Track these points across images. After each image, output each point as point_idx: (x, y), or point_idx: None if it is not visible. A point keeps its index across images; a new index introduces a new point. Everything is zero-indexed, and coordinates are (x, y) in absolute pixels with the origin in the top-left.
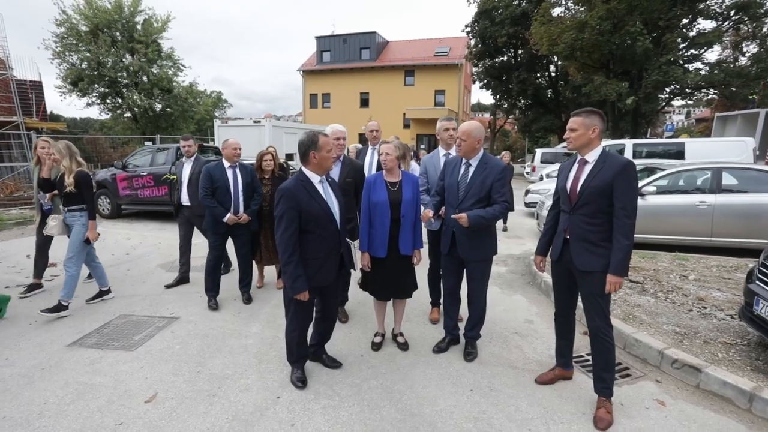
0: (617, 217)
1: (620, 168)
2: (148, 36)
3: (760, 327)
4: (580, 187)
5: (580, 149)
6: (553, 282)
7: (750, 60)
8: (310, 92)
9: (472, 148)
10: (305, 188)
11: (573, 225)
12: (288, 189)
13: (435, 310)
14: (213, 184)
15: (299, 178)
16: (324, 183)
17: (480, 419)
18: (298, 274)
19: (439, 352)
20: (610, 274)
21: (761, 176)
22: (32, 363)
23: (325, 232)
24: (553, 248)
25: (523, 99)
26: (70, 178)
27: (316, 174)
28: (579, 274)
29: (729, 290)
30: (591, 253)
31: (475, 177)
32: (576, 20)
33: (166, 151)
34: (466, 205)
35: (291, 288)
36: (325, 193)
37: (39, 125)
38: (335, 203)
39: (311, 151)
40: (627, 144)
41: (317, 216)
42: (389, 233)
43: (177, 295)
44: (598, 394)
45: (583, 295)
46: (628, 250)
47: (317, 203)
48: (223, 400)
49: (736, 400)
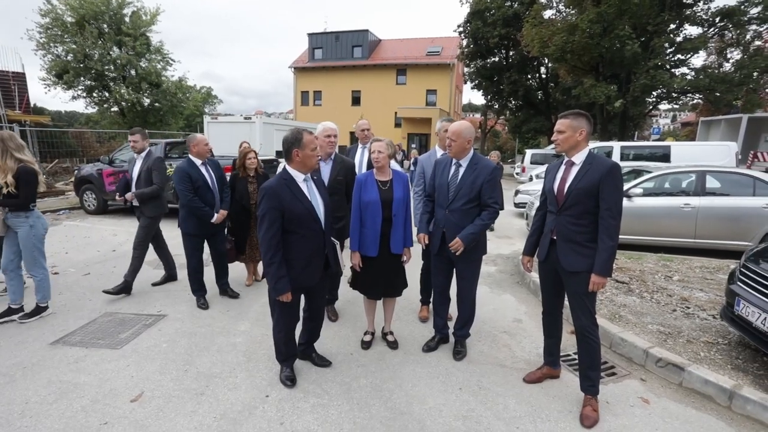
0: (603, 218)
1: (606, 170)
2: (137, 29)
3: (740, 327)
4: (567, 188)
5: (567, 151)
6: (540, 282)
7: (733, 66)
8: (301, 89)
9: (462, 148)
10: (288, 187)
11: (560, 226)
12: (270, 188)
13: (425, 309)
14: (193, 185)
15: (282, 176)
16: (309, 182)
17: (468, 417)
18: (280, 275)
19: (428, 351)
20: (594, 273)
21: (743, 180)
22: (13, 362)
23: (309, 232)
24: (540, 248)
25: (513, 100)
26: (8, 177)
27: (300, 172)
28: (565, 274)
29: (711, 291)
30: (577, 253)
31: (466, 177)
32: (567, 23)
33: (155, 146)
34: (457, 206)
35: (273, 289)
36: (310, 192)
37: (22, 118)
38: (320, 202)
39: (294, 149)
40: (615, 146)
41: (300, 216)
42: (380, 232)
43: (164, 292)
44: (585, 392)
45: (569, 294)
46: (612, 250)
47: (300, 203)
48: (210, 398)
49: (717, 398)
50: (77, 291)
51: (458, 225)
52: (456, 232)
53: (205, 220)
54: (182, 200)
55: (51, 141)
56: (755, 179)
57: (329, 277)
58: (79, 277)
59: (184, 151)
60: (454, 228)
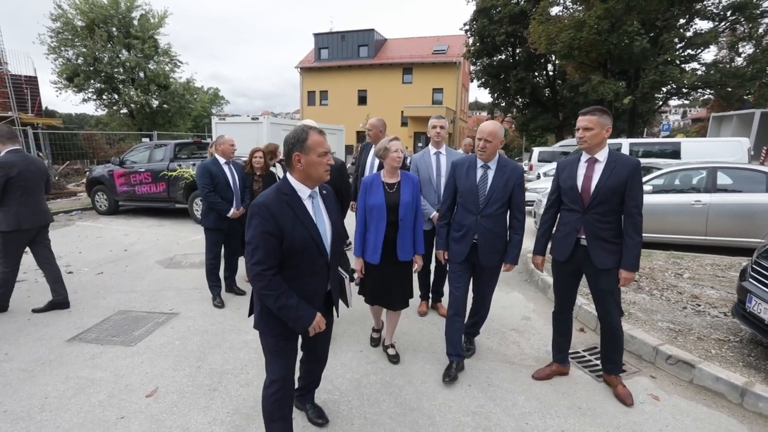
0: (631, 215)
1: (633, 168)
2: (145, 32)
3: (752, 324)
4: (595, 186)
5: (592, 148)
6: (556, 281)
7: (746, 60)
8: (307, 89)
9: (496, 150)
10: (289, 206)
11: (587, 225)
12: (264, 205)
13: (423, 303)
14: (213, 180)
15: (282, 190)
16: (315, 198)
17: (478, 413)
18: (300, 314)
19: (451, 381)
20: (624, 269)
21: (755, 176)
22: (32, 358)
23: (310, 267)
24: (560, 248)
25: (520, 98)
26: None
27: (306, 186)
28: (594, 272)
29: (723, 288)
30: (607, 251)
31: (497, 181)
32: (574, 19)
33: (164, 147)
34: (490, 211)
35: (299, 323)
36: (316, 213)
37: (34, 121)
38: (328, 226)
39: (295, 152)
40: (624, 143)
41: (302, 246)
42: (384, 238)
43: (176, 291)
44: (610, 373)
45: (598, 291)
46: (640, 246)
47: (304, 227)
48: (223, 394)
49: (728, 395)
50: (91, 290)
51: (491, 231)
52: (489, 237)
53: (222, 214)
54: (200, 194)
55: (62, 143)
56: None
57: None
58: (92, 276)
59: (193, 152)
60: (487, 234)
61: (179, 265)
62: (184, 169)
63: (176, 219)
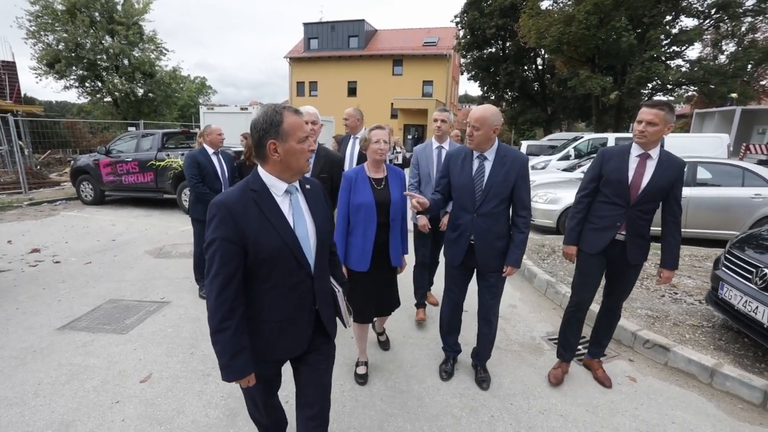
0: (675, 214)
1: (681, 168)
2: (129, 17)
3: (723, 310)
4: (647, 184)
5: (648, 144)
6: (581, 275)
7: (728, 58)
8: (297, 80)
9: (488, 138)
10: (257, 205)
11: (631, 220)
12: (223, 204)
13: (421, 311)
14: (201, 171)
15: (250, 186)
16: (295, 195)
17: (465, 395)
18: (236, 350)
19: (448, 377)
20: (667, 269)
21: (733, 171)
22: (23, 346)
23: (289, 280)
24: (594, 241)
25: (510, 91)
26: None
27: (281, 180)
28: (624, 267)
29: (699, 278)
30: (640, 247)
31: (495, 173)
32: (564, 14)
33: (152, 136)
34: (487, 208)
35: (226, 371)
36: (294, 214)
37: (13, 107)
38: (310, 229)
39: (269, 140)
40: (610, 138)
41: (272, 254)
42: (374, 241)
43: (166, 280)
44: (593, 357)
45: (622, 284)
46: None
47: (276, 231)
48: (217, 379)
49: (699, 376)
50: (80, 279)
51: (490, 231)
52: (487, 239)
53: None
54: (188, 184)
55: (43, 131)
56: (744, 170)
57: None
58: (80, 266)
59: (181, 141)
60: (484, 235)
61: (169, 255)
62: (172, 159)
63: (164, 209)
